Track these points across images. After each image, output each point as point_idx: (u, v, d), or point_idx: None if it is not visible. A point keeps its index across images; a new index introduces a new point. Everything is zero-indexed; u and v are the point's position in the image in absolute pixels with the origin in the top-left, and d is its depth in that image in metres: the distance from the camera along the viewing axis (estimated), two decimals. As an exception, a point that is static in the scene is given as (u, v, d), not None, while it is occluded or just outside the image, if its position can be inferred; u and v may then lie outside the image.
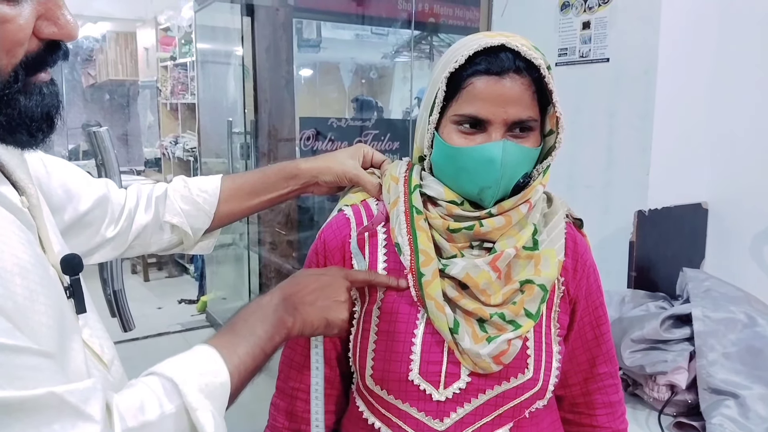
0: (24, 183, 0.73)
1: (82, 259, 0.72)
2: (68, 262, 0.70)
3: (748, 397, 1.26)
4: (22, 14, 0.58)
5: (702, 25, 1.70)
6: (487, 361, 0.83)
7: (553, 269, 0.87)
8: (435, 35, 4.38)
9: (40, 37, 0.60)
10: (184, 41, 5.73)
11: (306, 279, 0.87)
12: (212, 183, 1.08)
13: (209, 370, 0.70)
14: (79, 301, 0.70)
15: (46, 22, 0.60)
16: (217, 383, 0.70)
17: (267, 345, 0.78)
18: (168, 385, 0.66)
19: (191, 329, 4.41)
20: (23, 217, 0.67)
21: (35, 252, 0.63)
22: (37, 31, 0.60)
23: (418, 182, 0.90)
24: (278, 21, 4.00)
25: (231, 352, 0.74)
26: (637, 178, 1.65)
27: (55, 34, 0.61)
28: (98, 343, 0.73)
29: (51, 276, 0.66)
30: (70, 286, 0.70)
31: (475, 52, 0.81)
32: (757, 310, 1.38)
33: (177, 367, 0.69)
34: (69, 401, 0.56)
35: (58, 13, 0.61)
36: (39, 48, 0.61)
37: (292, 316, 0.82)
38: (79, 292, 0.70)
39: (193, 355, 0.72)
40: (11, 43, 0.58)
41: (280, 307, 0.82)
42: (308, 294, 0.84)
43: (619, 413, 1.01)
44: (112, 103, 7.14)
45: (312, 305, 0.84)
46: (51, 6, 0.60)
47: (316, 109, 4.98)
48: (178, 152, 5.81)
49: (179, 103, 5.96)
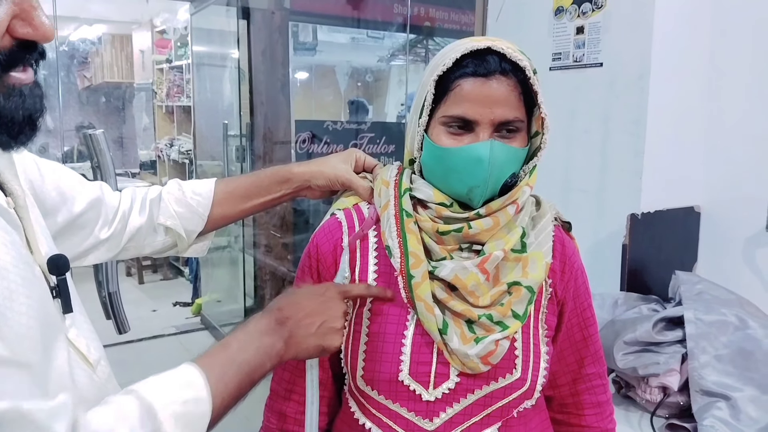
0: (11, 184, 0.73)
1: (68, 260, 0.72)
2: (54, 262, 0.70)
3: (739, 399, 1.27)
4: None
5: (695, 30, 1.71)
6: (476, 362, 0.84)
7: (540, 271, 0.88)
8: (430, 39, 4.40)
9: (14, 36, 0.61)
10: (179, 44, 5.73)
11: (302, 301, 0.85)
12: (206, 186, 1.08)
13: (191, 398, 0.69)
14: (66, 300, 0.70)
15: (21, 22, 0.61)
16: (197, 413, 0.68)
17: (256, 372, 0.77)
18: (145, 410, 0.65)
19: (186, 332, 4.40)
20: (9, 218, 0.68)
21: (19, 252, 0.63)
22: (11, 30, 0.60)
23: (408, 186, 0.91)
24: (274, 24, 4.01)
25: (218, 378, 0.72)
26: (631, 182, 1.66)
27: (29, 35, 0.61)
28: (85, 343, 0.73)
29: (36, 276, 0.66)
30: (56, 285, 0.70)
31: (463, 55, 0.83)
32: (748, 312, 1.39)
33: (158, 390, 0.68)
34: (36, 418, 0.55)
35: (33, 14, 0.61)
36: (12, 45, 0.61)
37: (286, 343, 0.81)
38: (65, 291, 0.70)
39: (178, 377, 0.71)
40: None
41: (275, 333, 0.81)
42: (304, 318, 0.83)
43: (608, 413, 1.02)
44: (107, 105, 7.13)
45: (307, 331, 0.82)
46: (26, 7, 0.61)
47: (311, 112, 4.99)
48: (173, 155, 5.80)
49: (175, 106, 5.96)
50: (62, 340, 0.67)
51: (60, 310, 0.70)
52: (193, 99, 4.87)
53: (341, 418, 0.98)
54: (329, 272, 0.93)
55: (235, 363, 0.76)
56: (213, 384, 0.71)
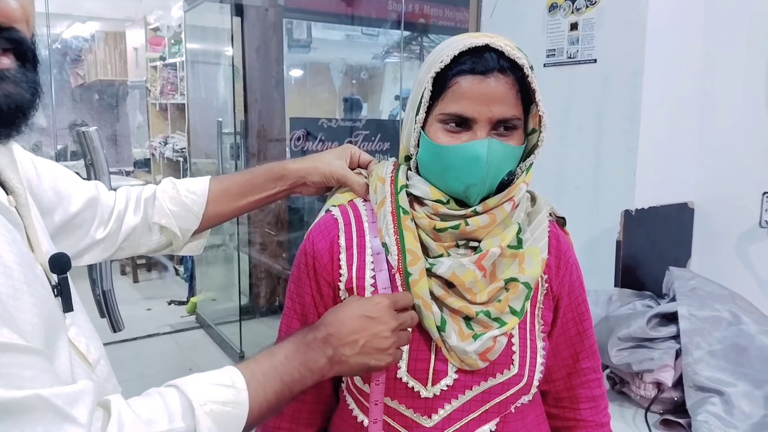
0: (12, 182, 0.72)
1: (70, 258, 0.72)
2: (56, 260, 0.70)
3: (732, 394, 1.27)
4: None
5: (688, 26, 1.71)
6: (474, 358, 0.84)
7: (537, 267, 0.88)
8: (425, 36, 4.40)
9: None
10: (173, 41, 5.71)
11: (346, 319, 0.81)
12: (200, 184, 1.08)
13: (230, 399, 0.69)
14: (67, 299, 0.70)
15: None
16: (234, 416, 0.68)
17: (297, 385, 0.76)
18: (184, 404, 0.66)
19: (181, 330, 4.39)
20: (10, 216, 0.67)
21: (21, 250, 0.63)
22: None
23: (404, 182, 0.91)
24: (268, 21, 4.00)
25: (259, 385, 0.72)
26: (625, 179, 1.66)
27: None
28: (84, 342, 0.72)
29: (38, 274, 0.65)
30: (57, 284, 0.69)
31: (460, 52, 0.82)
32: (741, 308, 1.40)
33: (200, 387, 0.68)
34: (55, 404, 0.56)
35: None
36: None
37: (329, 360, 0.79)
38: (66, 290, 0.70)
39: (220, 377, 0.71)
40: None
41: (319, 349, 0.78)
42: (347, 336, 0.80)
43: (602, 407, 1.03)
44: (101, 103, 7.09)
45: (351, 350, 0.79)
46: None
47: (306, 109, 4.98)
48: (167, 153, 5.78)
49: (169, 104, 5.94)
50: (63, 339, 0.66)
51: (61, 308, 0.69)
52: (187, 96, 4.85)
53: (339, 415, 0.98)
54: (326, 270, 0.92)
55: (277, 373, 0.75)
56: (253, 390, 0.71)
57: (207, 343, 4.18)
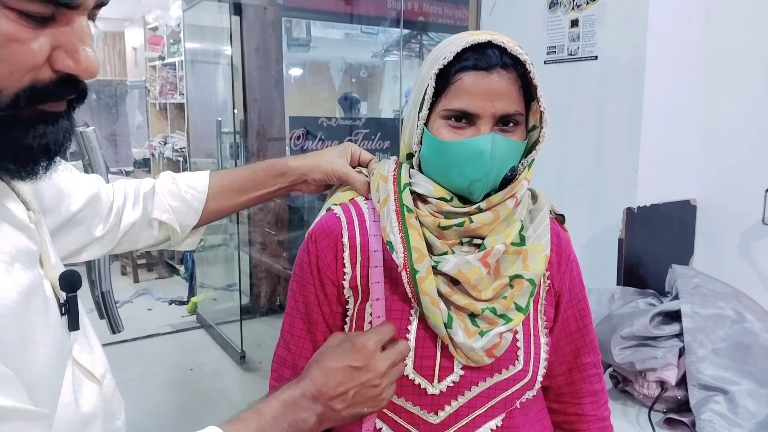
0: (28, 197, 0.69)
1: (80, 277, 0.69)
2: (67, 278, 0.67)
3: (736, 392, 1.27)
4: (38, 39, 0.53)
5: (690, 23, 1.71)
6: (480, 354, 0.85)
7: (540, 264, 0.88)
8: (424, 34, 4.39)
9: (54, 68, 0.56)
10: (172, 41, 5.71)
11: (332, 372, 0.78)
12: (201, 179, 1.07)
13: None
14: (74, 318, 0.68)
15: (64, 53, 0.55)
16: None
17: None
18: None
19: (182, 330, 4.39)
20: (30, 234, 0.65)
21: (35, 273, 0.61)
22: (52, 61, 0.55)
23: (407, 180, 0.90)
24: (267, 20, 3.99)
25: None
26: (626, 176, 1.66)
27: (70, 68, 0.56)
28: (89, 358, 0.70)
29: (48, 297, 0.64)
30: (66, 302, 0.67)
31: (463, 48, 0.82)
32: (745, 306, 1.39)
33: None
34: None
35: (79, 48, 0.56)
36: (51, 79, 0.56)
37: (320, 417, 0.77)
38: (75, 309, 0.68)
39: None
40: (18, 67, 0.53)
41: (308, 407, 0.76)
42: (336, 388, 0.77)
43: (603, 401, 1.04)
44: (100, 103, 7.09)
45: (341, 404, 0.78)
46: (73, 39, 0.55)
47: (306, 108, 4.97)
48: (167, 152, 5.78)
49: (168, 103, 5.94)
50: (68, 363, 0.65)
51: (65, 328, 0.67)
52: (186, 96, 4.84)
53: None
54: (330, 268, 0.92)
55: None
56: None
57: (208, 343, 4.18)
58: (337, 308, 0.94)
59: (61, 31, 0.55)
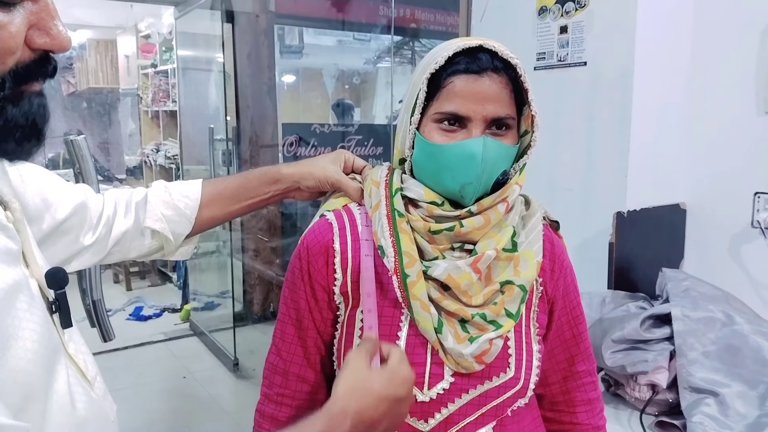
0: (7, 197, 0.70)
1: (67, 273, 0.70)
2: (53, 276, 0.68)
3: (727, 395, 1.27)
4: (14, 22, 0.56)
5: (678, 28, 1.72)
6: (470, 361, 0.84)
7: (532, 270, 0.88)
8: (416, 40, 4.40)
9: (32, 47, 0.58)
10: (164, 48, 5.70)
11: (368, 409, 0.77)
12: (194, 188, 1.07)
13: None
14: (65, 315, 0.68)
15: (39, 31, 0.58)
16: None
17: None
18: None
19: (175, 338, 4.37)
20: (9, 233, 0.65)
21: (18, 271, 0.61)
22: (28, 40, 0.58)
23: (399, 185, 0.91)
24: (259, 27, 4.00)
25: None
26: (616, 180, 1.67)
27: (47, 44, 0.59)
28: (83, 359, 0.71)
29: (35, 295, 0.64)
30: (55, 300, 0.68)
31: (455, 53, 0.83)
32: (735, 308, 1.40)
33: None
34: None
35: (51, 24, 0.59)
36: (30, 59, 0.59)
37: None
38: (65, 306, 0.68)
39: None
40: (3, 51, 0.56)
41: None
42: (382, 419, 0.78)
43: (598, 410, 1.03)
44: (92, 111, 7.06)
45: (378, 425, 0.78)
46: (44, 16, 0.58)
47: (299, 115, 4.96)
48: (159, 160, 5.77)
49: (160, 111, 5.93)
50: (62, 360, 0.65)
51: (56, 326, 0.67)
52: (178, 103, 4.84)
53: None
54: (320, 274, 0.92)
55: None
56: None
57: (201, 351, 4.16)
58: (327, 314, 0.93)
59: (32, 10, 0.58)
